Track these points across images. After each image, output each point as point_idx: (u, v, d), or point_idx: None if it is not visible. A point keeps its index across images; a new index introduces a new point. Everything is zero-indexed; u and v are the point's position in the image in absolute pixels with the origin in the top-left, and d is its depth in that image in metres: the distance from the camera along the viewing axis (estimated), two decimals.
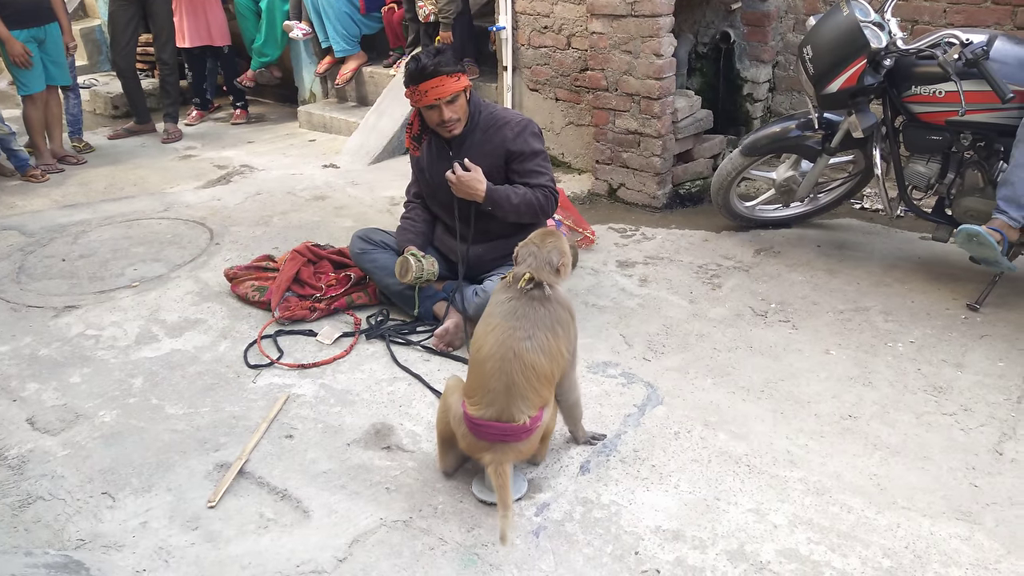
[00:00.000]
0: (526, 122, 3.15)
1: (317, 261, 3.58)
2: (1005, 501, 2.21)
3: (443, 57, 2.97)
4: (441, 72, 2.94)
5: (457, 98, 3.01)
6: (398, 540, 2.15)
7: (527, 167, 3.11)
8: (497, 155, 3.10)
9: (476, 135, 3.12)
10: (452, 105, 3.01)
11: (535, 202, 3.10)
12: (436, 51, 3.00)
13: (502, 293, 2.27)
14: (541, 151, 3.16)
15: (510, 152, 3.09)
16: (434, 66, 2.93)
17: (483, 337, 2.21)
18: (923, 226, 3.80)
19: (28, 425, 2.72)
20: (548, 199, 3.13)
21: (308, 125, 6.44)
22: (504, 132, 3.09)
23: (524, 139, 3.10)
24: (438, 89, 2.96)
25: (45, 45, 5.22)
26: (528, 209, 3.09)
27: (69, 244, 4.22)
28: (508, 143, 3.08)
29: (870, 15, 3.19)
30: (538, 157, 3.13)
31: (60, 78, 5.44)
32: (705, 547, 2.09)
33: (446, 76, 2.95)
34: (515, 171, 3.12)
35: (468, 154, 3.11)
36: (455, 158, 3.12)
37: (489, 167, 3.10)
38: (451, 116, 3.02)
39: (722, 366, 2.89)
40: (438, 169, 3.17)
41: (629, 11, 4.12)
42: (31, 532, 2.23)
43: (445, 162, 3.15)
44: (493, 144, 3.10)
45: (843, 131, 3.47)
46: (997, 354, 2.88)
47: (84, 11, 8.49)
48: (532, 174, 3.11)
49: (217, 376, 2.97)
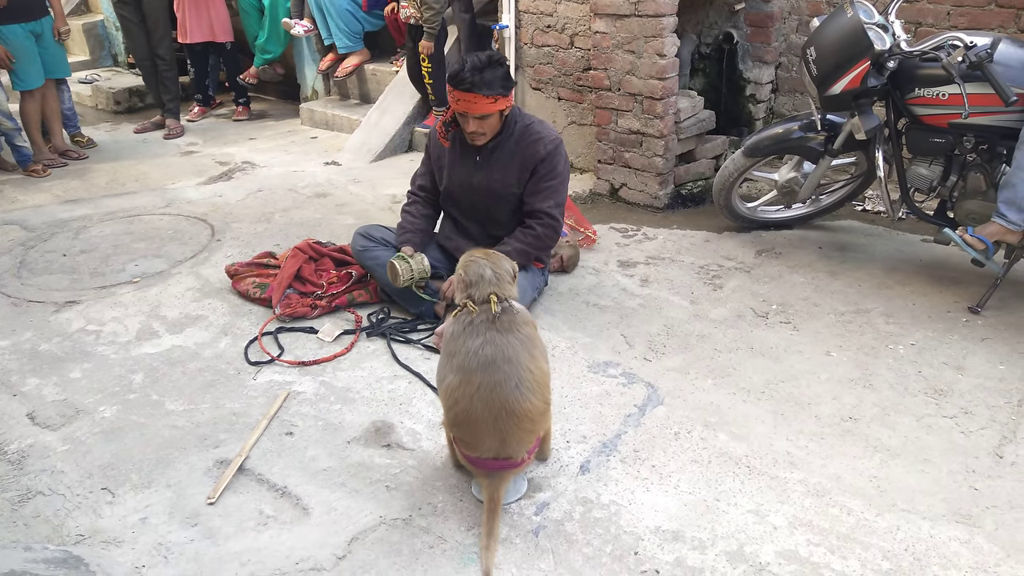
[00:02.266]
0: (558, 142, 3.15)
1: (318, 258, 3.57)
2: (1005, 504, 2.20)
3: (488, 75, 2.89)
4: (477, 91, 2.89)
5: (488, 117, 2.98)
6: (397, 538, 2.15)
7: (541, 185, 3.12)
8: (525, 168, 3.12)
9: (508, 144, 3.12)
10: (480, 121, 2.99)
11: (531, 243, 3.11)
12: (486, 63, 2.91)
13: (467, 336, 2.12)
14: (563, 175, 3.17)
15: (537, 167, 3.10)
16: (471, 83, 2.88)
17: (467, 399, 2.08)
18: (925, 228, 3.80)
19: (28, 420, 2.72)
20: (546, 227, 3.13)
21: (310, 122, 6.44)
22: (537, 148, 3.09)
23: (553, 160, 3.11)
24: (470, 104, 2.93)
25: (43, 39, 5.21)
26: (525, 256, 3.09)
27: (70, 239, 4.22)
28: (539, 160, 3.09)
29: (874, 17, 3.19)
30: (556, 179, 3.14)
31: (59, 70, 5.43)
32: (705, 548, 2.09)
33: (482, 96, 2.90)
34: (531, 185, 3.13)
35: (496, 162, 3.12)
36: (482, 163, 3.14)
37: (516, 178, 3.13)
38: (475, 130, 3.02)
39: (723, 367, 2.89)
40: (461, 169, 3.19)
41: (632, 11, 4.11)
42: (31, 527, 2.24)
43: (470, 164, 3.17)
44: (524, 157, 3.11)
45: (846, 133, 3.47)
46: (998, 357, 2.88)
47: (87, 6, 8.48)
48: (541, 194, 3.13)
49: (217, 373, 2.96)
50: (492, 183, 3.16)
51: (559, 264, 3.61)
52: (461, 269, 2.24)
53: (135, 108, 7.14)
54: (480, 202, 3.23)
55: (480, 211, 3.26)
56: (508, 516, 2.20)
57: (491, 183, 3.16)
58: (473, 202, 3.25)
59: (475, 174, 3.18)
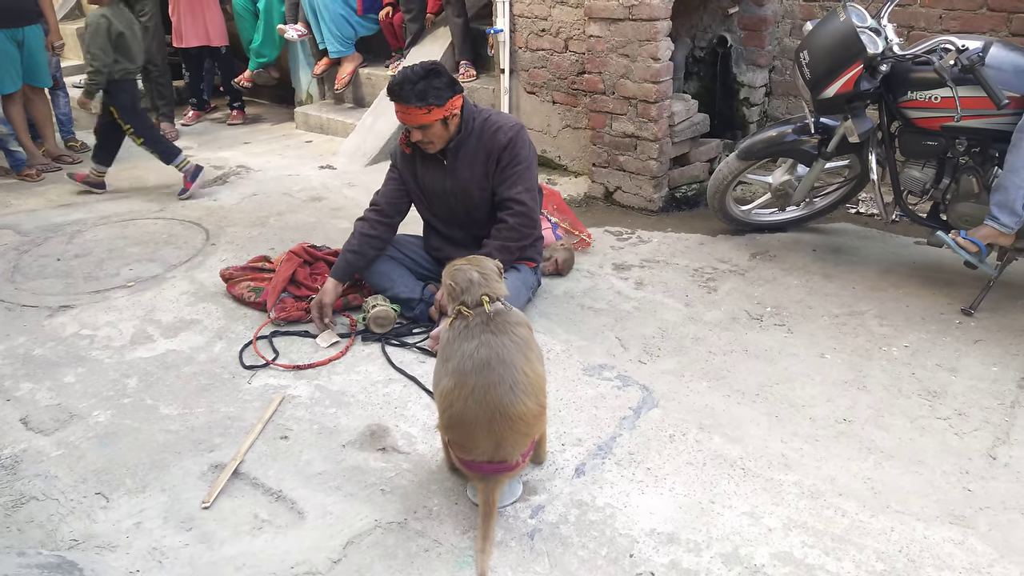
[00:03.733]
0: (519, 128, 3.13)
1: (313, 262, 3.57)
2: (998, 505, 2.21)
3: (420, 86, 2.89)
4: (407, 103, 2.91)
5: (428, 127, 2.97)
6: (393, 542, 2.15)
7: (507, 172, 3.10)
8: (491, 160, 3.11)
9: (471, 143, 3.10)
10: (422, 131, 3.00)
11: (507, 237, 3.09)
12: (420, 74, 2.91)
13: (462, 340, 2.13)
14: (528, 160, 3.13)
15: (500, 156, 3.09)
16: (399, 96, 2.90)
17: (462, 401, 2.08)
18: (918, 231, 3.81)
19: (22, 425, 2.71)
20: (518, 215, 3.10)
21: (305, 126, 6.44)
22: (498, 137, 3.08)
23: (514, 146, 3.09)
24: (405, 115, 2.97)
25: (24, 46, 5.15)
26: (506, 252, 3.07)
27: (64, 243, 4.21)
28: (501, 148, 3.08)
29: (867, 21, 3.21)
30: (521, 165, 3.11)
31: (37, 80, 5.34)
32: (700, 550, 2.09)
33: (414, 108, 2.91)
34: (497, 175, 3.12)
35: (462, 163, 3.12)
36: (450, 166, 3.13)
37: (484, 172, 3.12)
38: (419, 139, 3.04)
39: (717, 369, 2.90)
40: (432, 177, 3.18)
41: (627, 15, 4.13)
42: (24, 532, 2.23)
43: (438, 170, 3.16)
44: (488, 150, 3.10)
45: (839, 136, 3.49)
46: (991, 359, 2.89)
47: (80, 11, 8.47)
48: (507, 181, 3.10)
49: (212, 377, 2.96)
50: (463, 183, 3.15)
51: (554, 267, 3.61)
52: (448, 280, 2.23)
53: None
54: (457, 205, 3.22)
55: (459, 215, 3.25)
56: (503, 519, 2.20)
57: (462, 183, 3.15)
58: (450, 206, 3.24)
59: (446, 179, 3.17)
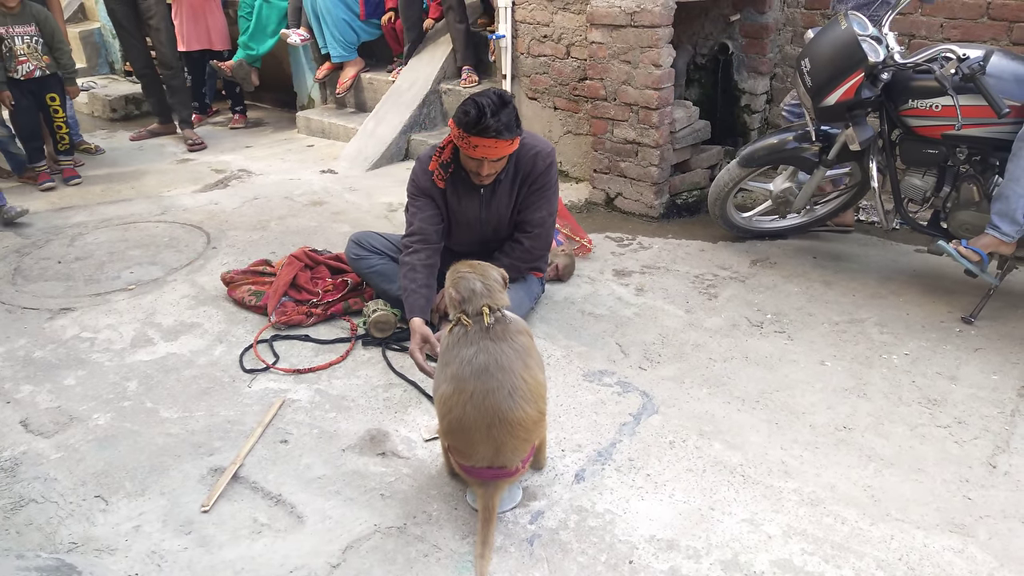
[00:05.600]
0: (554, 153, 3.11)
1: (314, 266, 3.58)
2: (998, 514, 2.21)
3: (504, 117, 2.74)
4: (502, 136, 2.76)
5: (503, 159, 2.89)
6: (392, 547, 2.15)
7: (536, 198, 3.10)
8: (525, 184, 3.08)
9: (509, 168, 3.04)
10: (497, 163, 2.89)
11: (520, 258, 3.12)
12: (499, 104, 2.75)
13: (461, 346, 2.12)
14: (555, 184, 3.15)
15: (535, 181, 3.07)
16: (497, 129, 2.73)
17: (460, 407, 2.07)
18: (918, 239, 3.82)
19: (21, 427, 2.71)
20: (536, 239, 3.11)
21: (306, 130, 6.45)
22: (536, 162, 3.04)
23: (549, 171, 3.08)
24: (491, 149, 2.79)
25: None
26: (515, 271, 3.07)
27: (65, 246, 4.21)
28: (538, 174, 3.06)
29: (868, 29, 3.22)
30: (550, 190, 3.12)
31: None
32: (699, 557, 2.09)
33: (503, 141, 2.77)
34: (525, 197, 3.10)
35: (502, 190, 3.07)
36: (487, 196, 3.07)
37: (515, 197, 3.11)
38: (490, 172, 2.92)
39: (718, 376, 2.90)
40: (467, 207, 3.09)
41: (628, 21, 4.14)
42: (23, 535, 2.22)
43: (475, 200, 3.08)
44: (524, 174, 3.07)
45: (840, 143, 3.49)
46: (991, 367, 2.89)
47: (84, 14, 8.50)
48: (535, 205, 3.11)
49: (212, 380, 2.96)
50: (499, 211, 3.12)
51: (555, 273, 3.62)
52: (451, 287, 2.22)
53: (131, 116, 7.16)
54: (486, 232, 3.18)
55: (485, 240, 3.21)
56: (503, 525, 2.20)
57: (498, 212, 3.12)
58: (481, 234, 3.18)
59: (481, 209, 3.10)
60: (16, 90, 4.99)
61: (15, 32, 4.90)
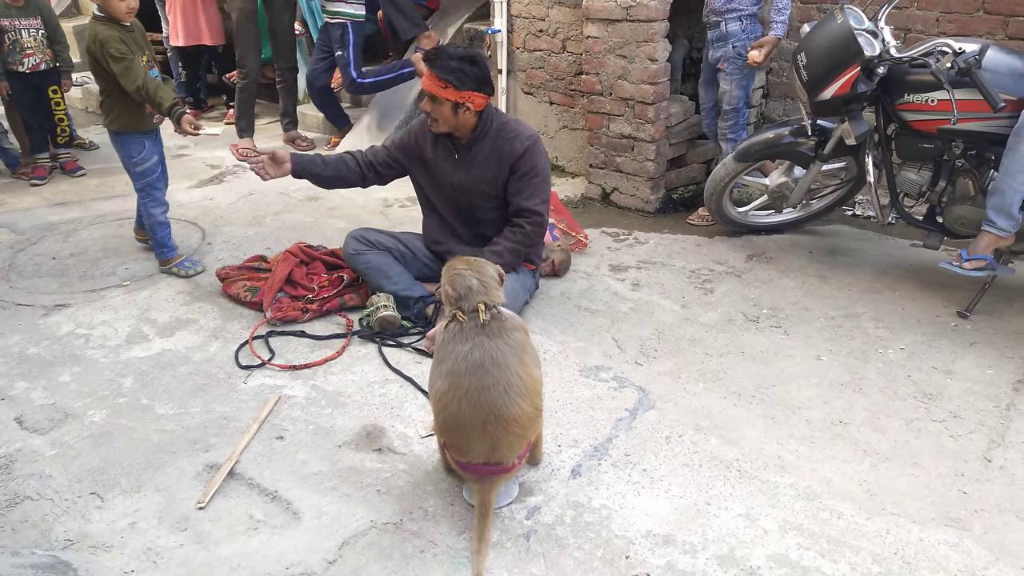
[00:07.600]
0: (536, 138, 3.16)
1: (310, 262, 3.57)
2: (993, 508, 2.22)
3: (453, 63, 2.97)
4: (431, 66, 3.00)
5: (438, 101, 3.02)
6: (388, 542, 2.14)
7: (523, 184, 3.13)
8: (503, 166, 3.13)
9: (485, 143, 3.13)
10: (431, 102, 3.05)
11: (521, 241, 3.13)
12: (462, 55, 3.00)
13: (456, 342, 2.13)
14: (545, 172, 3.17)
15: (515, 165, 3.11)
16: (443, 67, 2.97)
17: (456, 403, 2.08)
18: (914, 233, 3.82)
19: (16, 424, 2.70)
20: (534, 224, 3.14)
21: (302, 125, 6.42)
22: (514, 145, 3.10)
23: (531, 156, 3.11)
24: (426, 79, 3.03)
25: None
26: (516, 255, 3.13)
27: (60, 242, 4.20)
28: (516, 157, 3.10)
29: (864, 23, 3.21)
30: (539, 176, 3.14)
31: None
32: (695, 552, 2.09)
33: (435, 76, 2.99)
34: (512, 184, 3.13)
35: (474, 160, 3.15)
36: (460, 161, 3.16)
37: (493, 176, 3.14)
38: (427, 109, 3.08)
39: (714, 371, 2.90)
40: (442, 168, 3.23)
41: (624, 16, 4.13)
42: (18, 532, 2.22)
43: (449, 162, 3.21)
44: (501, 155, 3.12)
45: (836, 138, 3.49)
46: (987, 362, 2.90)
47: (77, 8, 8.46)
48: (526, 192, 3.13)
49: (208, 376, 2.95)
50: (471, 181, 3.18)
51: (551, 268, 3.61)
52: (447, 284, 2.22)
53: None
54: (462, 200, 3.25)
55: (463, 210, 3.28)
56: (499, 520, 2.20)
57: (470, 181, 3.18)
58: (456, 200, 3.27)
59: (454, 172, 3.20)
60: (19, 83, 4.97)
61: (21, 25, 4.88)
